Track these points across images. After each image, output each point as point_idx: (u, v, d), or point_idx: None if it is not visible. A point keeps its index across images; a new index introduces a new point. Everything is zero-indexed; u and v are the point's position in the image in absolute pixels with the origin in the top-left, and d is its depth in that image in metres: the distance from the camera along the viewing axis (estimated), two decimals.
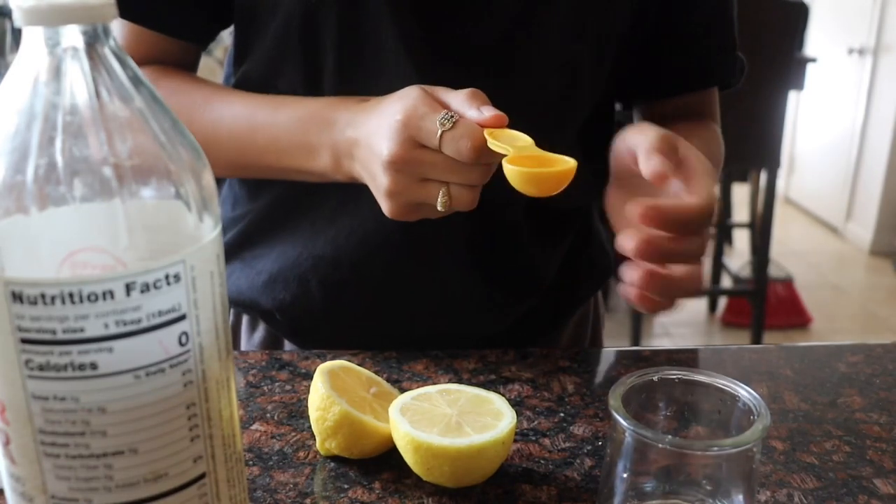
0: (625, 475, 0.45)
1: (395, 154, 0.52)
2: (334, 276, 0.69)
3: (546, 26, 0.62)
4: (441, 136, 0.51)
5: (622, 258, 0.57)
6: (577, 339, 0.83)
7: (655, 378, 0.46)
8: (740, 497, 0.44)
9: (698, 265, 0.53)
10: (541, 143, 0.58)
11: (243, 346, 0.78)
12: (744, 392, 0.45)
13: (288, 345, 0.76)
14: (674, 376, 0.46)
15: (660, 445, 0.42)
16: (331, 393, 0.51)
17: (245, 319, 0.79)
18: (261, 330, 0.77)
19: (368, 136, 0.54)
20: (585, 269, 0.79)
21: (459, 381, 0.62)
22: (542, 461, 0.53)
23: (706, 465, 0.45)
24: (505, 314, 0.73)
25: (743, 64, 0.75)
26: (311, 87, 0.64)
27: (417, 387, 0.54)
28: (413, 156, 0.52)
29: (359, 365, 0.57)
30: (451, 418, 0.50)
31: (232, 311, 0.78)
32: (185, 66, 0.71)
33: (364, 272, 0.68)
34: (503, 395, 0.57)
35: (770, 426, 0.44)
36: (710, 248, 0.55)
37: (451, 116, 0.51)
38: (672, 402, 0.47)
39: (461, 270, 0.70)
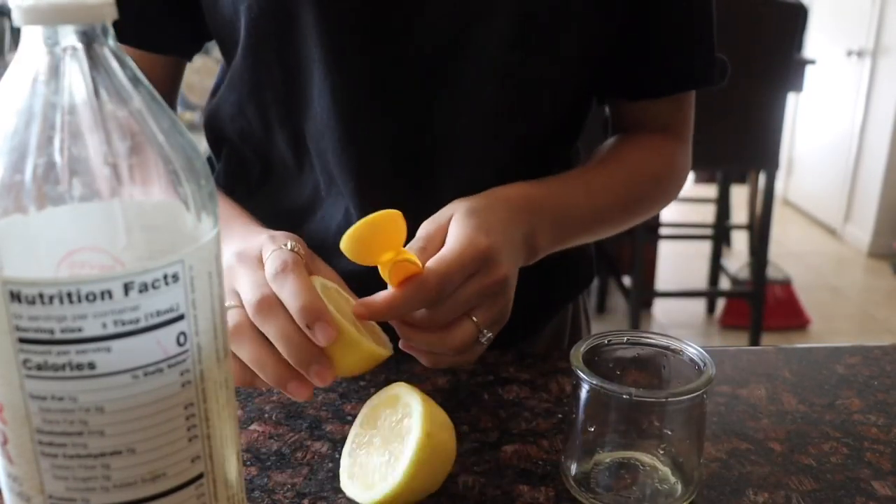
0: (590, 428, 0.49)
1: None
2: None
3: (483, 37, 0.62)
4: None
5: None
6: (555, 350, 0.81)
7: (605, 341, 0.51)
8: (688, 443, 0.48)
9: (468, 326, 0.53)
10: (490, 153, 0.58)
11: None
12: (688, 347, 0.50)
13: None
14: (623, 338, 0.52)
15: (623, 397, 0.46)
16: (329, 305, 0.51)
17: None
18: None
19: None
20: (561, 272, 0.77)
21: (457, 382, 0.62)
22: (540, 462, 0.53)
23: (661, 414, 0.48)
24: None
25: (725, 64, 0.73)
26: (268, 105, 0.66)
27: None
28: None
29: None
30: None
31: None
32: (170, 77, 0.72)
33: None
34: (501, 395, 0.57)
35: (714, 375, 0.48)
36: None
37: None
38: (621, 362, 0.52)
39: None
